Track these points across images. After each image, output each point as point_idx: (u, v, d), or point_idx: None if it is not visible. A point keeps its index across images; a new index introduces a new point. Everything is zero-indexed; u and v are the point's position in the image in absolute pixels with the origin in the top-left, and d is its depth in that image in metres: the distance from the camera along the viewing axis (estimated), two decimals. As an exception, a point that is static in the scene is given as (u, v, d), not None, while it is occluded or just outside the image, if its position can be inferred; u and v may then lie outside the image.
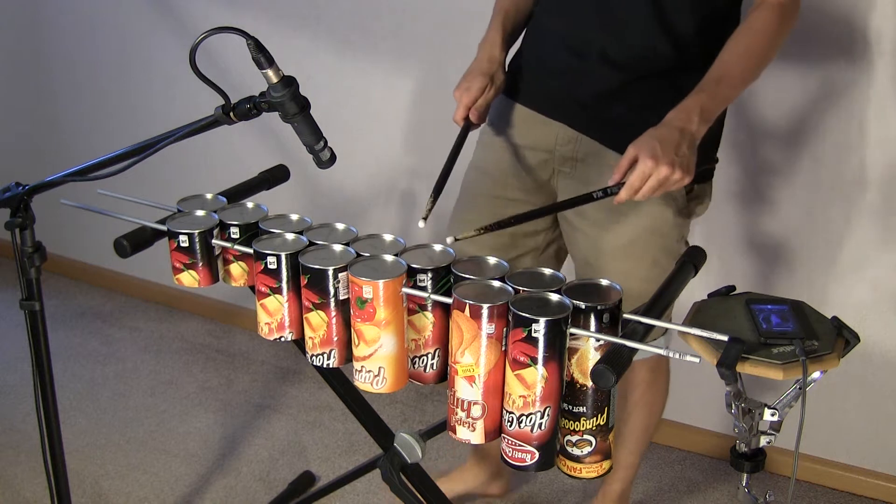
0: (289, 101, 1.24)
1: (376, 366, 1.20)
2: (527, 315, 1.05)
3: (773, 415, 1.14)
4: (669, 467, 2.34)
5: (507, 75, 1.69)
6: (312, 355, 1.27)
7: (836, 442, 2.21)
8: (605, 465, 1.16)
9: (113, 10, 2.87)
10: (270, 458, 2.36)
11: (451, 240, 1.30)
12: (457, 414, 1.14)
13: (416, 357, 1.22)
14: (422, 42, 2.37)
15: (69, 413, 2.52)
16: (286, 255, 1.27)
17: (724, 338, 1.07)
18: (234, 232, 1.38)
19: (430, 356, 1.22)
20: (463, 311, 1.09)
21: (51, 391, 1.54)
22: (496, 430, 1.14)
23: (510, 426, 1.11)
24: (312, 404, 2.60)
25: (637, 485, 2.23)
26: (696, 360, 1.05)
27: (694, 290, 1.37)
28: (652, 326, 1.12)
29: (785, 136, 2.02)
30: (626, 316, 1.12)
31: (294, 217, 1.40)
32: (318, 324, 1.24)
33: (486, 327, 1.08)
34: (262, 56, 1.20)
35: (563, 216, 1.69)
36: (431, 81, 2.38)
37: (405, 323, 1.20)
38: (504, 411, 1.12)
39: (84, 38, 2.96)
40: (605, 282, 1.16)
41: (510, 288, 1.13)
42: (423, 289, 1.19)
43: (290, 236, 1.32)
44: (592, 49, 1.55)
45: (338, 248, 1.27)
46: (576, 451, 1.14)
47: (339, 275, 1.21)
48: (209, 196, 1.50)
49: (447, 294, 1.16)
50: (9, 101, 3.25)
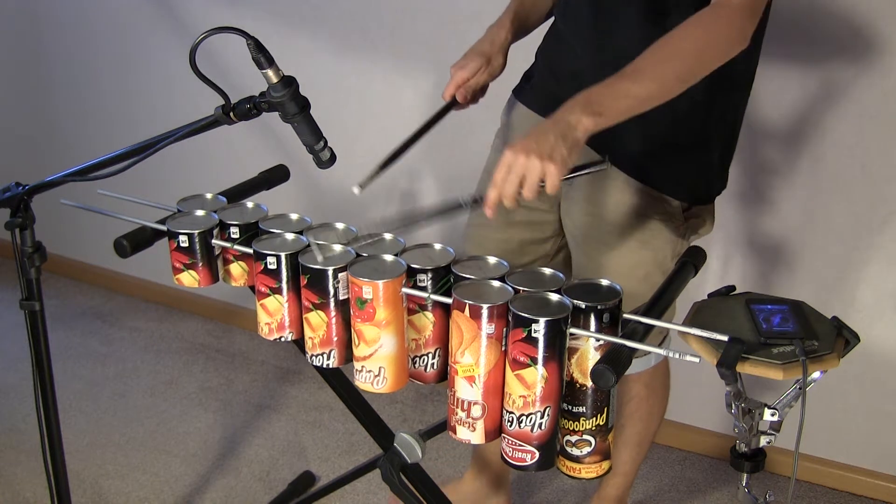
0: (289, 101, 1.24)
1: (377, 366, 1.20)
2: (527, 315, 1.05)
3: (773, 415, 1.14)
4: (669, 467, 2.34)
5: (521, 79, 1.69)
6: (312, 355, 1.27)
7: (836, 442, 2.21)
8: (605, 465, 1.16)
9: (113, 10, 2.87)
10: (270, 458, 2.36)
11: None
12: (457, 414, 1.14)
13: (416, 357, 1.22)
14: (422, 42, 2.37)
15: (69, 413, 2.52)
16: (286, 255, 1.27)
17: (724, 338, 1.07)
18: (234, 232, 1.38)
19: (430, 356, 1.22)
20: (463, 311, 1.09)
21: (51, 391, 1.54)
22: (496, 430, 1.14)
23: (510, 426, 1.11)
24: (312, 404, 2.60)
25: (637, 485, 2.23)
26: (696, 360, 1.05)
27: (694, 290, 1.37)
28: (652, 326, 1.12)
29: (785, 136, 2.02)
30: (626, 316, 1.13)
31: (294, 217, 1.40)
32: (318, 324, 1.24)
33: (486, 327, 1.08)
34: (262, 56, 1.20)
35: (565, 224, 1.67)
36: (431, 81, 2.38)
37: (405, 323, 1.20)
38: (504, 411, 1.12)
39: (84, 38, 2.96)
40: (605, 282, 1.16)
41: (510, 288, 1.13)
42: (423, 289, 1.19)
43: (289, 236, 1.32)
44: (594, 55, 1.54)
45: (338, 247, 1.27)
46: (575, 452, 1.14)
47: (339, 275, 1.21)
48: (209, 196, 1.50)
49: (447, 294, 1.16)
50: (9, 101, 3.25)
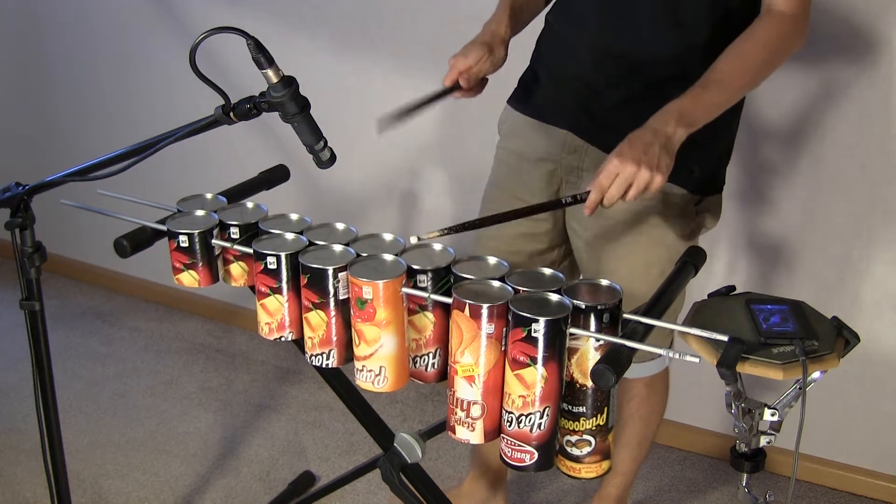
0: (289, 101, 1.24)
1: (377, 365, 1.20)
2: (526, 315, 1.05)
3: (773, 415, 1.14)
4: (669, 467, 2.34)
5: (517, 87, 1.68)
6: (312, 355, 1.27)
7: (836, 442, 2.21)
8: (605, 465, 1.16)
9: (113, 10, 2.87)
10: (270, 458, 2.36)
11: (414, 239, 1.28)
12: (456, 414, 1.14)
13: (416, 357, 1.22)
14: (422, 42, 2.36)
15: (69, 413, 2.52)
16: (286, 255, 1.27)
17: (724, 338, 1.07)
18: (234, 232, 1.38)
19: (430, 355, 1.22)
20: (463, 310, 1.09)
21: (51, 391, 1.54)
22: (496, 430, 1.14)
23: (509, 426, 1.11)
24: (312, 404, 2.60)
25: (637, 485, 2.23)
26: (696, 360, 1.05)
27: (694, 290, 1.37)
28: (652, 326, 1.12)
29: (785, 136, 2.02)
30: (626, 316, 1.13)
31: (294, 217, 1.40)
32: (318, 324, 1.24)
33: (486, 327, 1.08)
34: (262, 56, 1.20)
35: (571, 229, 1.68)
36: (431, 81, 2.37)
37: (405, 322, 1.20)
38: (503, 411, 1.12)
39: (84, 38, 2.96)
40: (605, 282, 1.16)
41: (510, 288, 1.13)
42: (423, 289, 1.19)
43: (289, 236, 1.32)
44: (599, 59, 1.54)
45: (338, 247, 1.27)
46: (575, 451, 1.14)
47: (339, 275, 1.21)
48: (209, 196, 1.50)
49: (447, 294, 1.16)
50: (9, 101, 3.25)
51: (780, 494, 2.13)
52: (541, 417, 1.09)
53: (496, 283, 1.15)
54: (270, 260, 1.27)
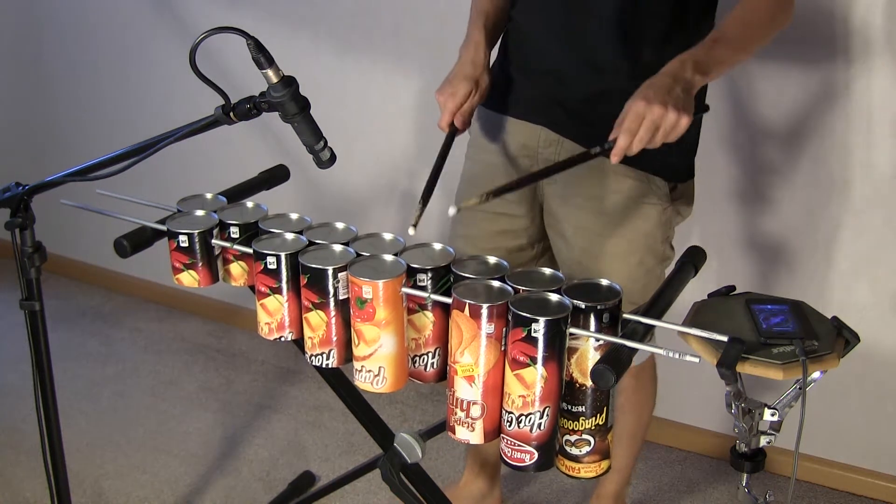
0: (289, 101, 1.24)
1: (376, 365, 1.20)
2: (526, 315, 1.05)
3: (773, 415, 1.14)
4: (669, 467, 2.34)
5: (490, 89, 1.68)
6: (311, 355, 1.27)
7: (836, 442, 2.21)
8: (604, 464, 1.16)
9: (113, 10, 2.87)
10: (270, 458, 2.36)
11: (453, 210, 1.29)
12: (456, 414, 1.14)
13: (416, 356, 1.22)
14: (422, 42, 2.37)
15: (69, 413, 2.52)
16: (286, 255, 1.27)
17: (724, 338, 1.07)
18: (234, 232, 1.38)
19: (430, 355, 1.22)
20: (462, 310, 1.09)
21: (51, 391, 1.54)
22: (495, 430, 1.14)
23: (509, 426, 1.11)
24: (312, 404, 2.60)
25: (637, 485, 2.23)
26: (696, 360, 1.05)
27: (694, 290, 1.37)
28: (652, 326, 1.12)
29: (785, 136, 2.02)
30: (626, 316, 1.13)
31: (294, 217, 1.40)
32: (318, 323, 1.24)
33: (486, 327, 1.08)
34: (262, 56, 1.20)
35: (548, 223, 1.69)
36: (431, 81, 2.37)
37: (405, 322, 1.20)
38: (503, 411, 1.12)
39: (84, 38, 2.97)
40: (605, 282, 1.16)
41: (510, 288, 1.13)
42: (423, 288, 1.19)
43: (289, 236, 1.32)
44: (570, 52, 1.54)
45: (338, 247, 1.27)
46: (575, 451, 1.14)
47: (339, 274, 1.21)
48: (209, 196, 1.50)
49: (447, 294, 1.16)
50: (9, 101, 3.25)
51: (780, 494, 2.13)
52: (541, 417, 1.09)
53: (496, 282, 1.15)
54: (270, 260, 1.27)
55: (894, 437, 2.15)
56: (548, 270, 1.20)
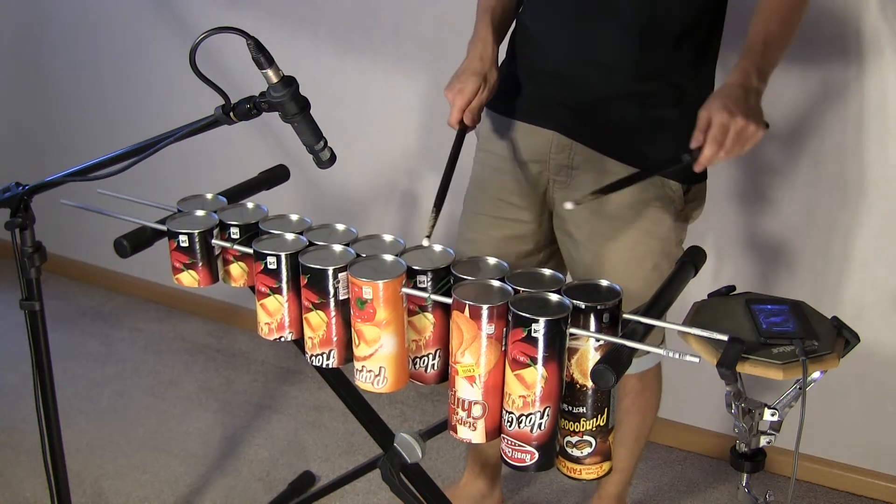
0: (289, 101, 1.24)
1: (377, 366, 1.20)
2: (526, 315, 1.05)
3: (773, 415, 1.14)
4: (669, 467, 2.34)
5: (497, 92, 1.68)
6: (312, 355, 1.27)
7: (836, 442, 2.21)
8: (605, 466, 1.16)
9: (113, 10, 2.87)
10: (270, 458, 2.36)
11: (570, 205, 1.29)
12: (458, 414, 1.14)
13: (416, 358, 1.22)
14: (422, 42, 2.37)
15: (69, 413, 2.52)
16: (286, 255, 1.27)
17: (724, 338, 1.07)
18: (234, 232, 1.38)
19: (430, 357, 1.22)
20: (463, 311, 1.09)
21: (51, 391, 1.54)
22: (497, 430, 1.14)
23: (510, 426, 1.11)
24: (312, 404, 2.60)
25: (637, 485, 2.23)
26: (696, 360, 1.05)
27: (694, 290, 1.37)
28: (652, 326, 1.12)
29: (785, 136, 2.02)
30: (626, 316, 1.12)
31: (294, 217, 1.40)
32: (318, 324, 1.24)
33: (486, 328, 1.08)
34: (262, 56, 1.20)
35: (559, 227, 1.68)
36: (431, 81, 2.38)
37: (405, 322, 1.20)
38: (504, 411, 1.12)
39: (84, 38, 2.97)
40: (605, 282, 1.16)
41: (510, 288, 1.13)
42: (423, 289, 1.19)
43: (289, 236, 1.32)
44: (581, 54, 1.53)
45: (338, 248, 1.27)
46: (575, 452, 1.14)
47: (339, 275, 1.21)
48: (209, 196, 1.50)
49: (447, 295, 1.16)
50: (9, 101, 3.25)
51: (780, 494, 2.13)
52: (541, 417, 1.09)
53: (496, 283, 1.15)
54: (270, 260, 1.27)
55: (894, 437, 2.15)
56: (548, 271, 1.20)
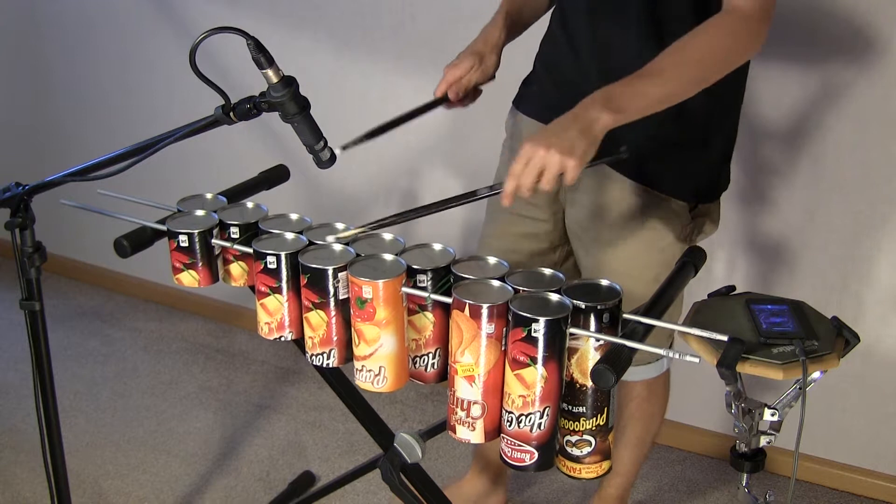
0: (289, 101, 1.24)
1: (377, 365, 1.20)
2: (527, 315, 1.05)
3: (773, 415, 1.14)
4: (669, 467, 2.34)
5: (520, 88, 1.68)
6: (312, 355, 1.27)
7: (836, 442, 2.21)
8: (605, 465, 1.16)
9: (113, 10, 2.87)
10: (270, 458, 2.36)
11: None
12: (457, 413, 1.14)
13: (416, 357, 1.22)
14: (422, 42, 2.36)
15: (69, 413, 2.52)
16: (286, 254, 1.27)
17: (724, 338, 1.07)
18: (234, 232, 1.38)
19: (430, 356, 1.22)
20: (463, 310, 1.09)
21: (51, 391, 1.54)
22: (496, 430, 1.14)
23: (509, 426, 1.11)
24: (312, 404, 2.60)
25: (637, 485, 2.23)
26: (696, 360, 1.05)
27: (694, 290, 1.37)
28: (652, 326, 1.12)
29: (785, 136, 2.02)
30: (626, 316, 1.12)
31: (294, 217, 1.40)
32: (318, 323, 1.24)
33: (486, 327, 1.08)
34: (262, 56, 1.20)
35: (570, 230, 1.68)
36: (431, 81, 2.37)
37: (405, 322, 1.20)
38: (503, 411, 1.12)
39: (84, 38, 2.96)
40: (605, 282, 1.16)
41: (510, 288, 1.13)
42: (423, 289, 1.19)
43: (289, 236, 1.32)
44: (595, 63, 1.53)
45: (338, 247, 1.27)
46: (575, 452, 1.14)
47: (339, 274, 1.21)
48: (209, 196, 1.50)
49: (447, 294, 1.16)
50: (9, 100, 3.25)
51: (780, 494, 2.13)
52: (541, 417, 1.09)
53: (496, 282, 1.15)
54: (270, 259, 1.27)
55: (894, 437, 2.15)
56: (548, 270, 1.20)
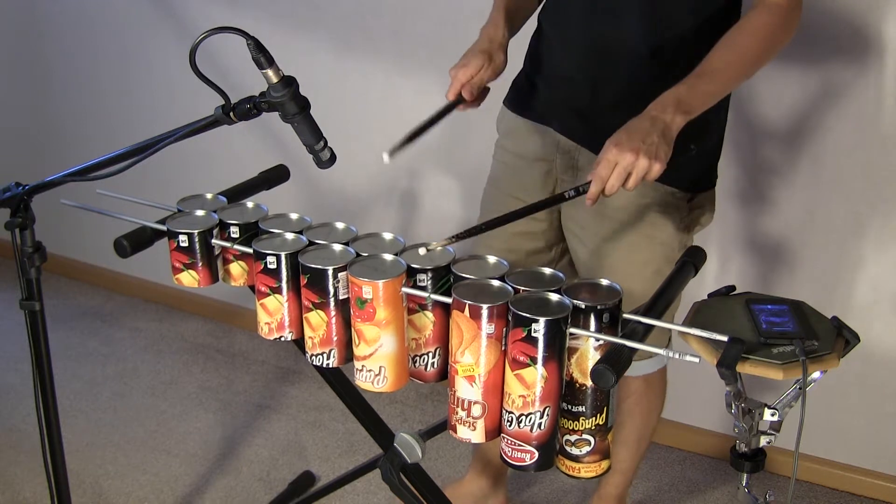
0: (289, 101, 1.24)
1: (377, 365, 1.20)
2: (526, 315, 1.05)
3: (773, 415, 1.14)
4: (669, 467, 2.34)
5: (511, 88, 1.68)
6: (312, 355, 1.27)
7: (836, 442, 2.21)
8: (604, 464, 1.16)
9: (113, 10, 2.87)
10: (270, 458, 2.36)
11: (423, 251, 1.25)
12: (457, 413, 1.14)
13: (416, 356, 1.22)
14: (422, 42, 2.37)
15: (69, 413, 2.52)
16: (286, 254, 1.27)
17: (724, 338, 1.07)
18: (234, 232, 1.38)
19: (430, 355, 1.22)
20: (463, 311, 1.09)
21: (51, 391, 1.54)
22: (496, 430, 1.14)
23: (510, 426, 1.11)
24: (312, 404, 2.60)
25: (637, 485, 2.23)
26: (696, 360, 1.05)
27: (694, 290, 1.37)
28: (652, 326, 1.12)
29: (785, 136, 2.02)
30: (625, 316, 1.12)
31: (294, 217, 1.40)
32: (318, 323, 1.24)
33: (486, 327, 1.08)
34: (262, 56, 1.20)
35: (567, 227, 1.69)
36: (431, 81, 2.38)
37: (405, 322, 1.20)
38: (504, 411, 1.12)
39: (84, 38, 2.96)
40: (605, 282, 1.16)
41: (510, 288, 1.13)
42: (423, 288, 1.19)
43: (289, 236, 1.32)
44: (586, 59, 1.54)
45: (338, 247, 1.27)
46: (575, 451, 1.14)
47: (339, 274, 1.21)
48: (209, 196, 1.50)
49: (447, 294, 1.16)
50: (9, 100, 3.25)
51: (780, 494, 2.13)
52: (541, 417, 1.09)
53: (496, 282, 1.15)
54: (270, 259, 1.27)
55: (894, 437, 2.15)
56: (548, 270, 1.20)
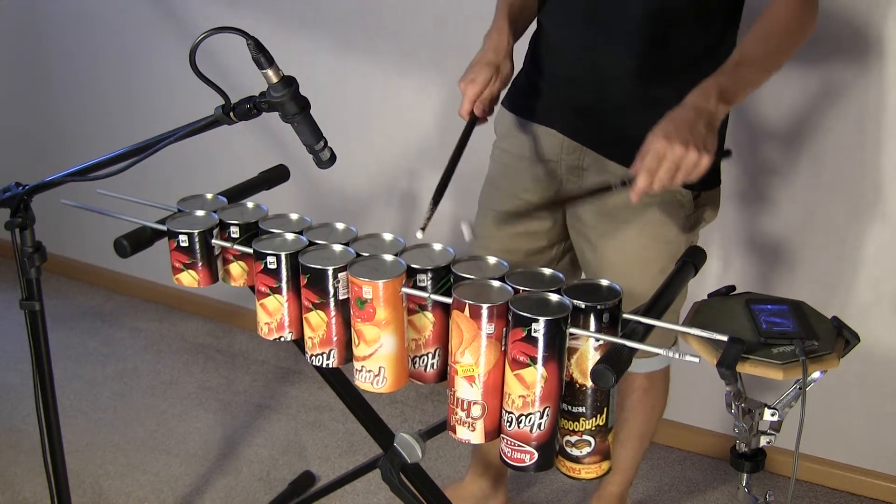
0: (289, 101, 1.24)
1: (377, 365, 1.20)
2: (526, 315, 1.05)
3: (773, 415, 1.14)
4: (669, 467, 2.34)
5: (510, 88, 1.68)
6: (312, 355, 1.27)
7: (836, 442, 2.21)
8: (605, 465, 1.16)
9: (113, 10, 2.87)
10: (270, 458, 2.36)
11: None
12: (457, 414, 1.14)
13: (416, 357, 1.22)
14: (422, 42, 2.36)
15: (69, 413, 2.52)
16: (286, 254, 1.27)
17: (724, 338, 1.07)
18: (234, 232, 1.38)
19: (430, 356, 1.22)
20: (462, 311, 1.09)
21: (51, 391, 1.54)
22: (496, 430, 1.14)
23: (509, 426, 1.11)
24: (312, 404, 2.60)
25: (637, 485, 2.23)
26: (696, 360, 1.05)
27: (694, 290, 1.37)
28: (652, 326, 1.12)
29: (785, 136, 2.02)
30: (626, 316, 1.12)
31: (294, 217, 1.40)
32: (318, 324, 1.24)
33: (486, 327, 1.08)
34: (262, 56, 1.20)
35: (573, 226, 1.68)
36: (431, 81, 2.38)
37: (405, 322, 1.20)
38: (503, 411, 1.12)
39: (84, 38, 2.97)
40: (605, 282, 1.16)
41: (510, 288, 1.13)
42: (423, 289, 1.19)
43: (289, 236, 1.32)
44: (590, 59, 1.54)
45: (338, 247, 1.27)
46: (575, 452, 1.14)
47: (339, 275, 1.21)
48: (209, 196, 1.50)
49: (447, 294, 1.16)
50: (9, 101, 3.25)
51: (780, 494, 2.13)
52: (541, 417, 1.09)
53: (496, 283, 1.15)
54: (270, 260, 1.27)
55: (894, 437, 2.15)
56: (548, 270, 1.20)
